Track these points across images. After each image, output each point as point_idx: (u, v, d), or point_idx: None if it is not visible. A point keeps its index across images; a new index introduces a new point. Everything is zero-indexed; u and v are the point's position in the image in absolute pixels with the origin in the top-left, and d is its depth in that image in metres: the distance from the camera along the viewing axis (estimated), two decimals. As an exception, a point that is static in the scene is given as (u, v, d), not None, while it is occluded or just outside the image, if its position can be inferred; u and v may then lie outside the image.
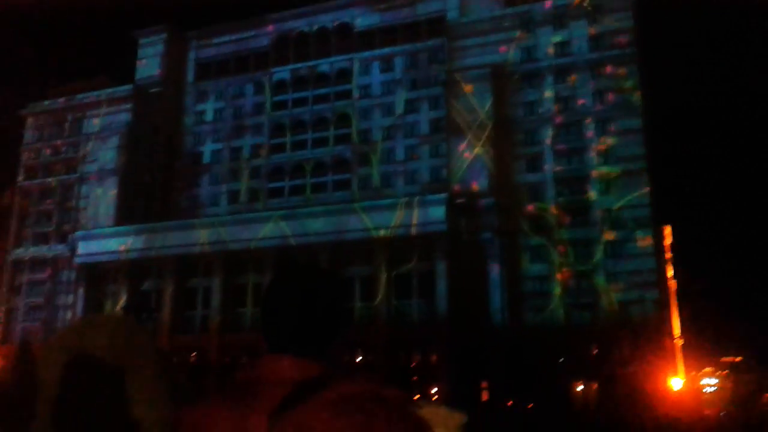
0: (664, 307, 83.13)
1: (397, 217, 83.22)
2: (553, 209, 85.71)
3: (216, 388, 2.47)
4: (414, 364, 79.88)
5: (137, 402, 2.46)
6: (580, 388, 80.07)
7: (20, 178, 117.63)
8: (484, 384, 77.70)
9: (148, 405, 2.47)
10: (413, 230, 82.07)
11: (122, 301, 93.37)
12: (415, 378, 75.69)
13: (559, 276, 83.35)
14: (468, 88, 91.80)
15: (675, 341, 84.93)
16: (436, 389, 75.02)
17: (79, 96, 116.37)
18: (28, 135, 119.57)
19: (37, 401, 2.50)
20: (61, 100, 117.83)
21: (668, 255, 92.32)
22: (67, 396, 2.43)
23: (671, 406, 69.39)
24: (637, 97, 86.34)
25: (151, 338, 2.67)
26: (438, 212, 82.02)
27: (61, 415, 2.42)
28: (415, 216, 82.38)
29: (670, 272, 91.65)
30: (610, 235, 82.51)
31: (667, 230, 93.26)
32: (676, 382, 74.05)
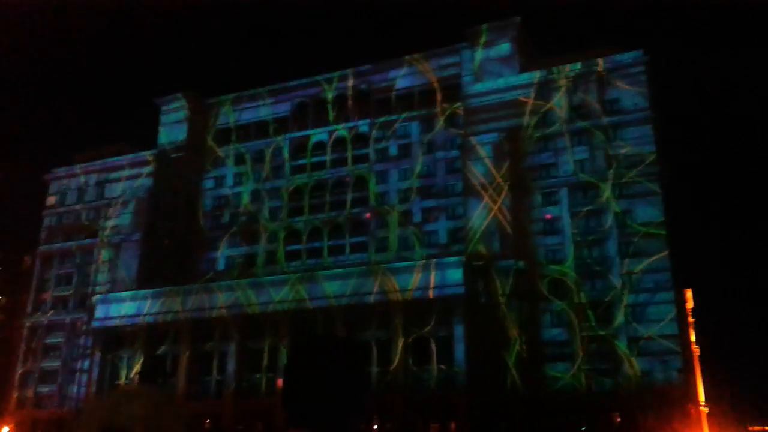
0: (688, 372, 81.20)
1: (414, 279, 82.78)
2: (571, 272, 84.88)
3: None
4: (432, 431, 78.15)
5: None
6: (603, 457, 77.69)
7: (41, 242, 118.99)
8: (504, 452, 75.66)
9: None
10: (431, 293, 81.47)
11: (138, 366, 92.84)
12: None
13: (579, 341, 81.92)
14: (484, 151, 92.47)
15: (700, 408, 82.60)
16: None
17: (101, 161, 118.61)
18: (50, 200, 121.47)
19: None
20: (83, 165, 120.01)
21: (690, 319, 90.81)
22: None
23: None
24: (653, 159, 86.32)
25: (182, 411, 2.70)
26: (455, 275, 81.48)
27: None
28: (433, 278, 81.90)
29: (692, 337, 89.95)
30: (630, 299, 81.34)
31: (688, 294, 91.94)
32: (703, 452, 71.58)
